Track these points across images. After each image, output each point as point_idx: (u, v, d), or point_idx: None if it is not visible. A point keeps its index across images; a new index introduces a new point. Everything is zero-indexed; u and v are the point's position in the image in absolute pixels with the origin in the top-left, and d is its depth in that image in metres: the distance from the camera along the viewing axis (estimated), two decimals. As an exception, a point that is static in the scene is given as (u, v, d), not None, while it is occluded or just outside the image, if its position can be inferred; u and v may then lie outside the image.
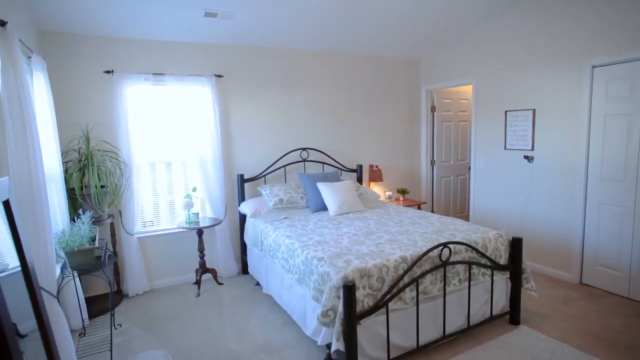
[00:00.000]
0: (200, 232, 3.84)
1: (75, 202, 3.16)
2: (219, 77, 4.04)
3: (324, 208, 3.91)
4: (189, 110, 3.87)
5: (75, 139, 3.42)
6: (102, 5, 3.06)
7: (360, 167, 4.87)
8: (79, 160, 3.28)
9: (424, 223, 3.30)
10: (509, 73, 4.19)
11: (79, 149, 3.38)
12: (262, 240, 3.47)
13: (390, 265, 2.41)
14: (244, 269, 4.21)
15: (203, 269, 3.90)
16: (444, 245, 2.52)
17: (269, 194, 3.95)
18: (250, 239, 3.79)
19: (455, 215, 5.61)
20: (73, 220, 2.82)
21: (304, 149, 4.55)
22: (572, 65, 3.61)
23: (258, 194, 4.26)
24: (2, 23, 2.03)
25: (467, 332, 2.76)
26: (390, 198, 4.95)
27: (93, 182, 3.14)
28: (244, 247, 4.16)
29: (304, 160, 4.54)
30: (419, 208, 4.88)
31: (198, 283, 3.85)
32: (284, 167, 4.42)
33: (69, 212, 3.02)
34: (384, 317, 2.34)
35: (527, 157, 4.06)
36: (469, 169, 4.95)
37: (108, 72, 3.56)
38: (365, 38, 4.43)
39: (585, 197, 3.60)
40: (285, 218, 3.64)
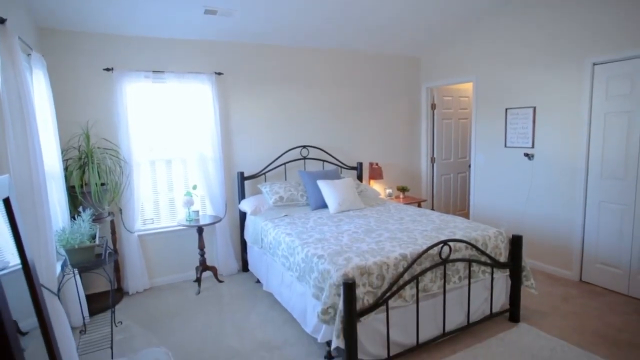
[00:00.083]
0: (201, 229, 3.84)
1: (76, 199, 3.16)
2: (219, 74, 4.03)
3: (324, 206, 3.91)
4: (189, 108, 3.87)
5: (75, 137, 3.42)
6: (101, 3, 3.05)
7: (361, 164, 4.87)
8: (79, 158, 3.28)
9: (424, 221, 3.30)
10: (510, 70, 4.18)
11: (79, 147, 3.38)
12: (262, 238, 3.47)
13: (391, 263, 2.41)
14: (244, 267, 4.22)
15: (203, 267, 3.90)
16: (444, 243, 2.53)
17: (269, 192, 3.96)
18: (251, 237, 3.79)
19: (456, 213, 5.61)
20: (73, 218, 2.83)
21: (304, 147, 4.54)
22: (572, 63, 3.60)
23: (258, 192, 4.26)
24: (1, 20, 2.03)
25: (467, 329, 2.77)
26: (391, 196, 4.95)
27: (93, 179, 3.15)
28: (244, 244, 4.17)
29: (304, 158, 4.54)
30: (419, 206, 4.88)
31: (198, 281, 3.86)
32: (284, 164, 4.42)
33: (69, 209, 3.03)
34: (384, 314, 2.34)
35: (527, 154, 4.06)
36: (469, 167, 4.95)
37: (108, 69, 3.55)
38: (366, 36, 4.42)
39: (586, 194, 3.60)
40: (286, 216, 3.64)
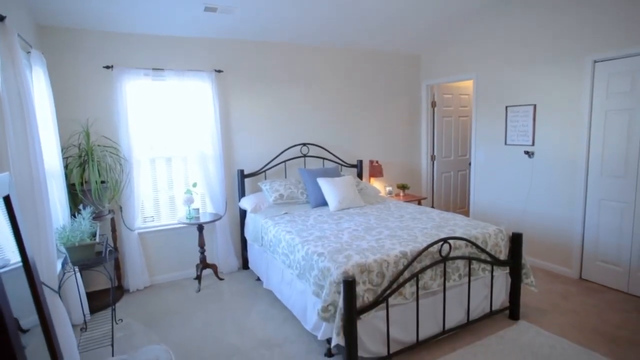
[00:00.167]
0: (201, 227, 3.85)
1: (76, 197, 3.16)
2: (219, 72, 4.02)
3: (324, 203, 3.91)
4: (189, 106, 3.86)
5: (75, 135, 3.41)
6: (101, 1, 3.04)
7: (361, 162, 4.87)
8: (79, 156, 3.28)
9: (424, 218, 3.30)
10: (510, 68, 4.17)
11: (79, 145, 3.38)
12: (262, 236, 3.48)
13: (391, 261, 2.41)
14: (245, 265, 4.23)
15: (204, 265, 3.91)
16: (444, 241, 2.53)
17: (269, 190, 3.96)
18: (251, 235, 3.79)
19: (456, 211, 5.62)
20: (74, 216, 2.83)
21: (304, 145, 4.54)
22: (573, 60, 3.59)
23: (258, 190, 4.26)
24: (1, 18, 2.02)
25: (466, 327, 2.77)
26: (391, 193, 4.95)
27: (93, 177, 3.15)
28: (245, 242, 4.17)
29: (304, 156, 4.54)
30: (419, 203, 4.88)
31: (199, 278, 3.86)
32: (284, 162, 4.42)
33: (70, 207, 3.03)
34: (384, 312, 2.35)
35: (527, 152, 4.06)
36: (470, 165, 4.95)
37: (108, 67, 3.54)
38: (366, 33, 4.41)
39: (586, 192, 3.60)
40: (286, 213, 3.64)
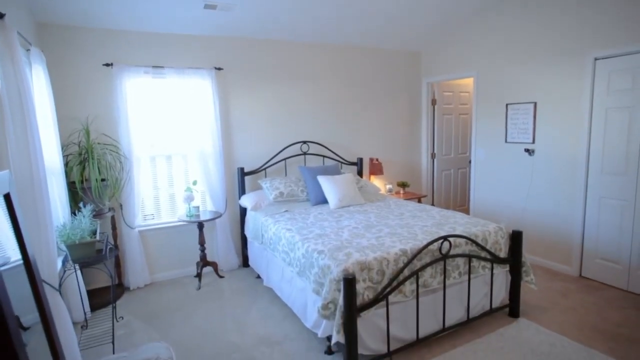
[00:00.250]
0: (201, 225, 3.85)
1: (76, 195, 3.16)
2: (219, 69, 4.02)
3: (325, 201, 3.91)
4: (189, 103, 3.86)
5: (75, 132, 3.41)
6: (100, -3, 3.04)
7: (361, 160, 4.86)
8: (79, 154, 3.28)
9: (424, 216, 3.30)
10: (511, 66, 4.16)
11: (79, 143, 3.38)
12: (262, 234, 3.48)
13: (391, 258, 2.41)
14: (245, 262, 4.23)
15: (204, 262, 3.91)
16: (444, 239, 2.53)
17: (270, 187, 3.96)
18: (251, 232, 3.80)
19: (456, 209, 5.62)
20: (74, 214, 2.83)
21: (304, 142, 4.54)
22: (574, 58, 3.58)
23: (258, 187, 4.26)
24: (0, 15, 2.02)
25: (466, 324, 2.78)
26: (391, 191, 4.95)
27: (93, 175, 3.15)
28: (245, 240, 4.18)
29: (305, 154, 4.53)
30: (419, 201, 4.89)
31: (199, 276, 3.87)
32: (285, 160, 4.42)
33: (70, 205, 3.03)
34: (384, 309, 2.35)
35: (527, 150, 4.06)
36: (470, 162, 4.95)
37: (107, 65, 3.54)
38: (366, 30, 4.39)
39: (586, 190, 3.60)
40: (286, 211, 3.65)
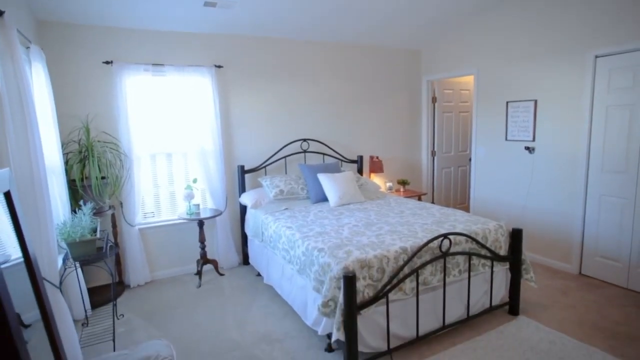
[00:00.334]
0: (201, 223, 3.85)
1: (76, 193, 3.16)
2: (219, 67, 4.01)
3: (325, 199, 3.91)
4: (189, 101, 3.85)
5: (75, 130, 3.41)
6: (100, -5, 3.03)
7: (361, 158, 4.86)
8: (79, 152, 3.28)
9: (424, 214, 3.30)
10: (511, 63, 4.16)
11: (79, 140, 3.38)
12: (262, 231, 3.48)
13: (391, 256, 2.42)
14: (245, 260, 4.24)
15: (204, 260, 3.92)
16: (444, 236, 2.53)
17: (270, 185, 3.96)
18: (251, 230, 3.80)
19: (456, 207, 5.62)
20: (74, 212, 2.83)
21: (305, 140, 4.53)
22: (574, 56, 3.57)
23: (259, 185, 4.26)
24: (-1, 13, 2.01)
25: (466, 322, 2.78)
26: (391, 189, 4.95)
27: (94, 173, 3.15)
28: (245, 238, 4.18)
29: (305, 152, 4.53)
30: (420, 199, 4.89)
31: (199, 274, 3.87)
32: (285, 158, 4.42)
33: (70, 203, 3.03)
34: (384, 307, 2.35)
35: (528, 148, 4.05)
36: (470, 160, 4.95)
37: (107, 62, 3.53)
38: (366, 28, 4.38)
39: (586, 188, 3.60)
40: (286, 209, 3.65)
